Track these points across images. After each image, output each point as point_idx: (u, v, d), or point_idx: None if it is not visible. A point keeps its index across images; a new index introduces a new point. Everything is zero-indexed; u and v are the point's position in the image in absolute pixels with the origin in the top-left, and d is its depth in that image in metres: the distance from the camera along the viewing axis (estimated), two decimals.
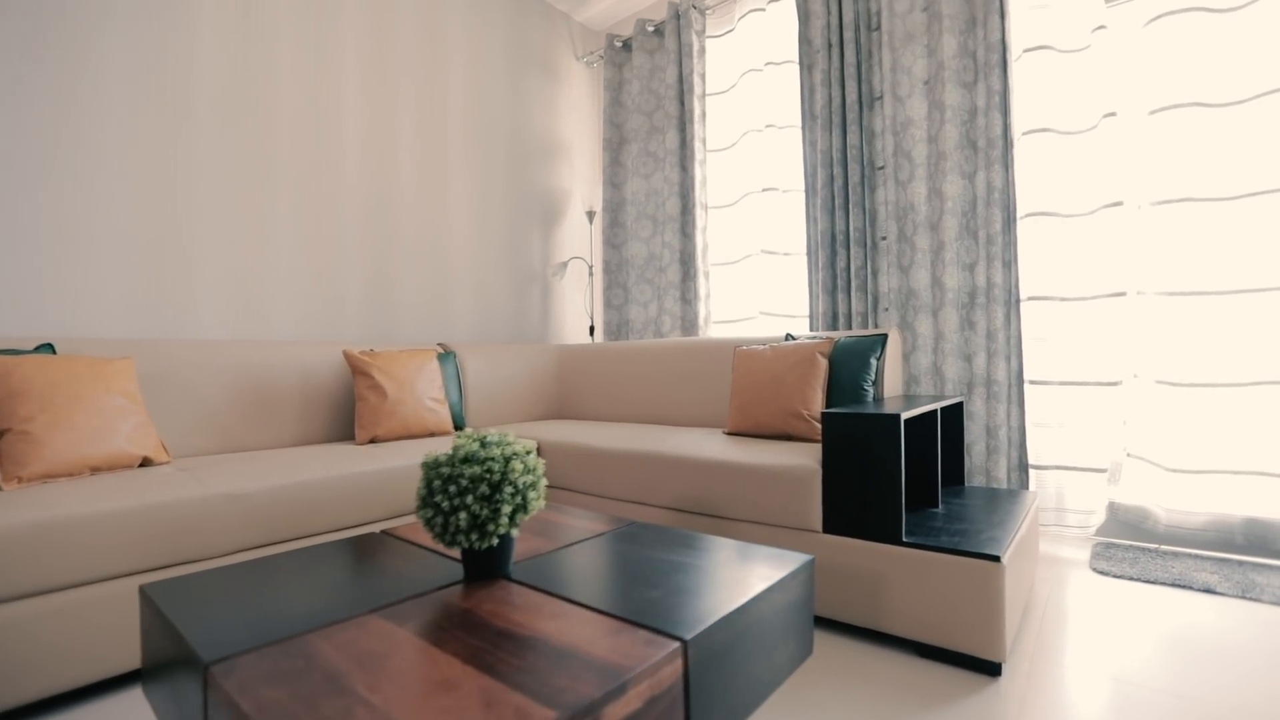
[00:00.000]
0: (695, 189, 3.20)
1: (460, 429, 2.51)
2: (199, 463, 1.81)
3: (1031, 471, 2.36)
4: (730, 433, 2.21)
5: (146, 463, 1.70)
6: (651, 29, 3.43)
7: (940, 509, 1.75)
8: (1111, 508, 2.27)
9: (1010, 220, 2.31)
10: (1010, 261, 2.31)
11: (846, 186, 2.68)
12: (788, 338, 2.34)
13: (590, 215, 3.63)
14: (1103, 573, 1.96)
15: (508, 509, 0.93)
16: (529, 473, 0.98)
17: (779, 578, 0.99)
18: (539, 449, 2.35)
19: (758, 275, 3.13)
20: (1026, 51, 2.35)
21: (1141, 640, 1.51)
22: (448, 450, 1.12)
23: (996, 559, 1.34)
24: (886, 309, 2.58)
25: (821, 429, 1.60)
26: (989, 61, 2.32)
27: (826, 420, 1.58)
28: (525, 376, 3.01)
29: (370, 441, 2.20)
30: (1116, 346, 2.22)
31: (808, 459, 1.66)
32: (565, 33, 3.76)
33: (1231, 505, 2.07)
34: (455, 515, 0.92)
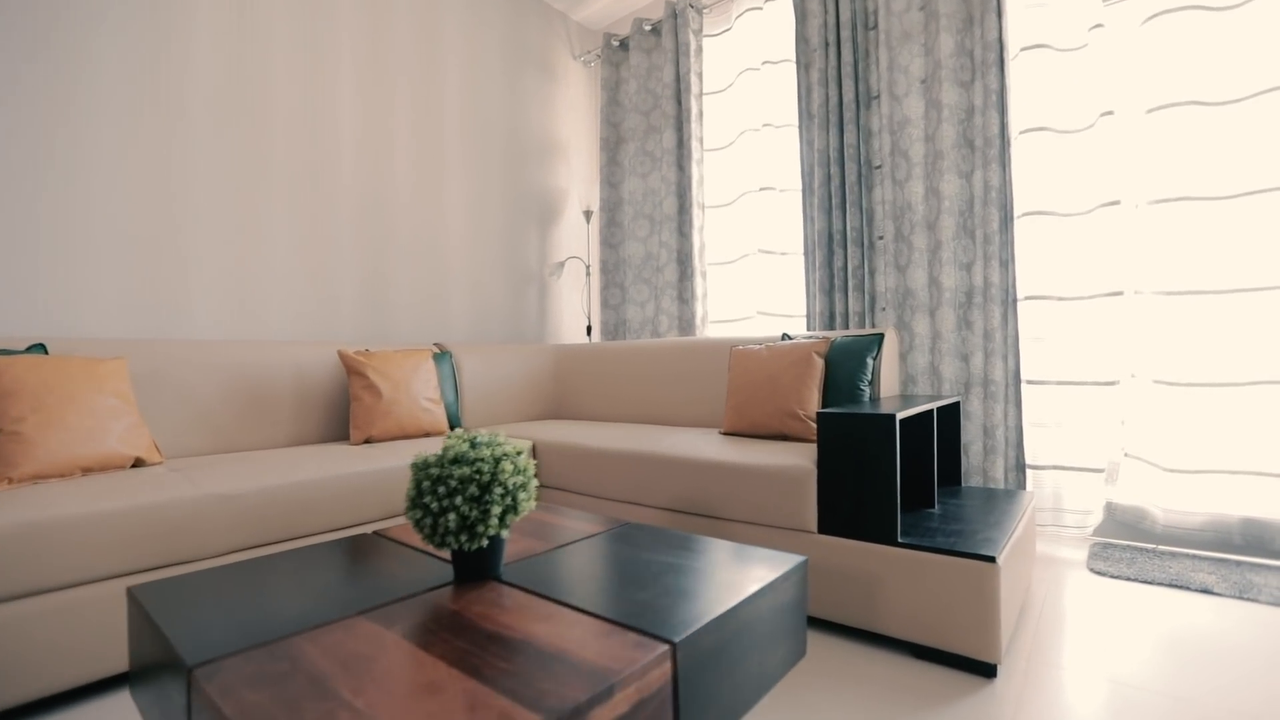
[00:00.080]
0: (692, 188, 3.20)
1: (457, 429, 2.51)
2: (192, 463, 1.80)
3: (1029, 471, 2.35)
4: (726, 433, 2.20)
5: (139, 463, 1.69)
6: (649, 28, 3.42)
7: (936, 509, 1.74)
8: (1109, 508, 2.27)
9: (1007, 219, 2.30)
10: (1007, 261, 2.30)
11: (844, 186, 2.67)
12: (784, 337, 2.33)
13: (587, 215, 3.62)
14: (1100, 573, 1.96)
15: (497, 510, 0.92)
16: (519, 474, 0.97)
17: (771, 579, 0.98)
18: (534, 449, 2.34)
19: (755, 275, 3.12)
20: (1024, 50, 2.35)
21: (1138, 641, 1.51)
22: (438, 451, 1.11)
23: (992, 560, 1.33)
24: (883, 308, 2.58)
25: (816, 429, 1.59)
26: (986, 60, 2.32)
27: (821, 420, 1.58)
28: (521, 376, 3.00)
29: (365, 442, 2.20)
30: (1114, 346, 2.21)
31: (803, 459, 1.65)
32: (562, 32, 3.75)
33: (1229, 505, 2.07)
34: (444, 516, 0.92)
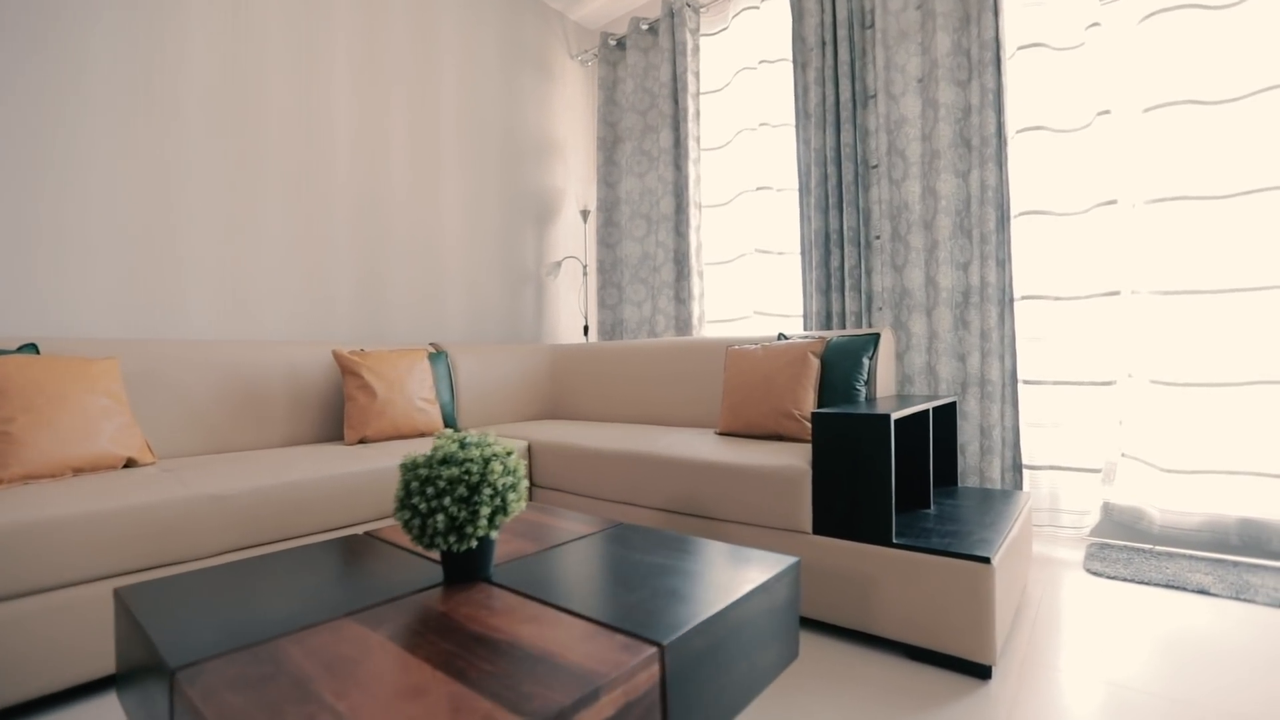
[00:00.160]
0: (689, 188, 3.19)
1: (452, 429, 2.50)
2: (185, 463, 1.79)
3: (1025, 472, 2.35)
4: (722, 433, 2.19)
5: (131, 463, 1.68)
6: (646, 27, 3.41)
7: (932, 510, 1.73)
8: (1106, 508, 2.26)
9: (1004, 219, 2.29)
10: (1004, 260, 2.29)
11: (840, 185, 2.66)
12: (780, 337, 2.33)
13: (584, 214, 3.61)
14: (1096, 574, 1.95)
15: (486, 511, 0.92)
16: (508, 474, 0.96)
17: (763, 580, 0.97)
18: (530, 449, 2.33)
19: (752, 274, 3.12)
20: (1020, 49, 2.34)
21: (1135, 642, 1.50)
22: (426, 451, 1.10)
23: (986, 560, 1.32)
24: (880, 308, 2.57)
25: (811, 429, 1.58)
26: (983, 59, 2.31)
27: (816, 420, 1.57)
28: (518, 376, 2.99)
29: (359, 442, 2.19)
30: (1111, 346, 2.20)
31: (798, 459, 1.64)
32: (560, 31, 3.74)
33: (1226, 505, 2.06)
34: (432, 517, 0.91)
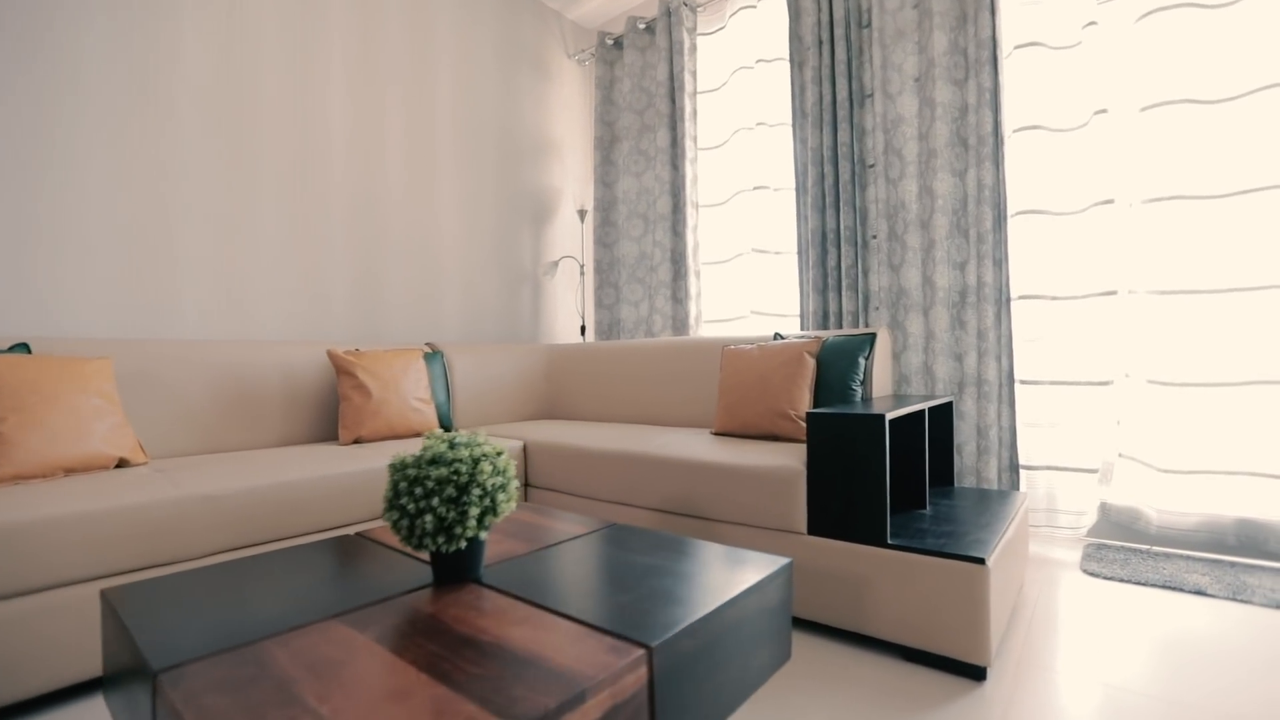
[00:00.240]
0: (686, 187, 3.18)
1: (448, 429, 2.49)
2: (178, 464, 1.78)
3: (1022, 472, 2.34)
4: (717, 433, 2.19)
5: (123, 464, 1.68)
6: (643, 26, 3.40)
7: (928, 510, 1.72)
8: (1103, 508, 2.25)
9: (1001, 218, 2.29)
10: (1001, 260, 2.29)
11: (837, 184, 2.65)
12: (776, 337, 2.32)
13: (581, 214, 3.61)
14: (1093, 574, 1.94)
15: (475, 511, 0.91)
16: (498, 474, 0.95)
17: (754, 581, 0.96)
18: (525, 449, 2.33)
19: (749, 274, 3.11)
20: (1017, 48, 2.33)
21: (1131, 643, 1.49)
22: (415, 452, 1.10)
23: (981, 561, 1.31)
24: (877, 308, 2.56)
25: (806, 429, 1.58)
26: (980, 58, 2.30)
27: (811, 420, 1.56)
28: (514, 376, 2.98)
29: (354, 442, 2.18)
30: (1108, 346, 2.20)
31: (793, 460, 1.64)
32: (556, 30, 3.74)
33: (1224, 506, 2.05)
34: (421, 518, 0.90)
